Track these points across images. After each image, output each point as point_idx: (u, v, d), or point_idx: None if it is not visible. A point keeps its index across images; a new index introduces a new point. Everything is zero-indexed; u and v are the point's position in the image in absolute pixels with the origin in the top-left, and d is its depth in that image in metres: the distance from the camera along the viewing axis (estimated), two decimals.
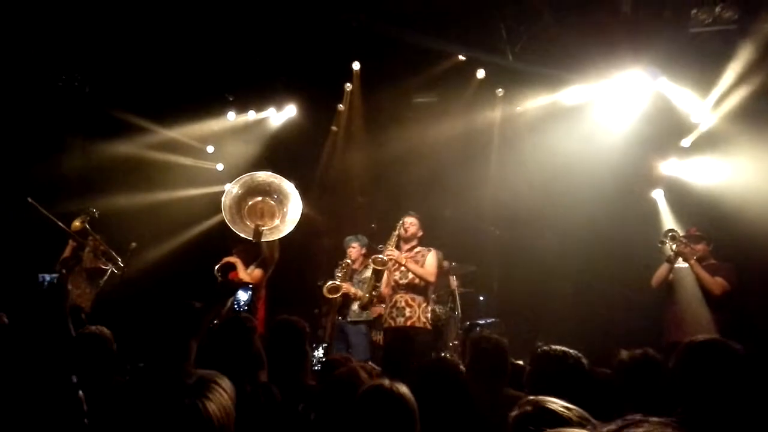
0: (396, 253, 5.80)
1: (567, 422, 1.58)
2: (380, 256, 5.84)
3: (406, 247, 5.91)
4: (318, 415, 2.60)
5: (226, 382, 1.85)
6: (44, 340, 2.94)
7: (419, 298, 5.79)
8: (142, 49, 6.88)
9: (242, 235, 5.39)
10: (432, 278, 5.86)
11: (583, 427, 1.50)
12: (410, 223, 5.92)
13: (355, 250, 6.67)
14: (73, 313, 3.47)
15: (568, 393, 2.36)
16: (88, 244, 6.15)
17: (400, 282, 5.82)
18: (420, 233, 5.96)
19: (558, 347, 2.67)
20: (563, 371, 2.58)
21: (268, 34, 6.78)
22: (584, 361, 2.66)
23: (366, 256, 6.74)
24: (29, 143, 7.03)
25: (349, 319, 6.51)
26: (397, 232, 5.89)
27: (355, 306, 6.52)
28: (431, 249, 5.95)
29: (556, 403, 1.67)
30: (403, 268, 5.79)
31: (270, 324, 4.56)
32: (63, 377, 2.30)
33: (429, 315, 5.89)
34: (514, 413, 1.71)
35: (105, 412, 2.31)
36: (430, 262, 5.84)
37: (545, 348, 2.68)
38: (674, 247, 5.61)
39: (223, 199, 5.45)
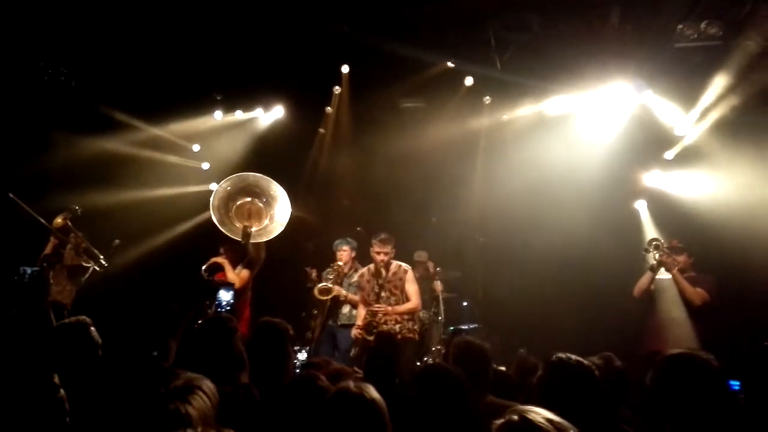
0: (383, 307, 5.92)
1: None
2: (373, 319, 5.90)
3: (385, 273, 6.01)
4: (286, 416, 2.60)
5: (208, 386, 1.86)
6: (25, 332, 2.92)
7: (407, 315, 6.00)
8: (130, 45, 6.83)
9: (230, 235, 5.39)
10: (419, 307, 6.14)
11: None
12: (384, 253, 5.99)
13: (345, 253, 6.66)
14: (56, 310, 3.45)
15: (578, 402, 2.41)
16: (69, 241, 6.08)
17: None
18: (393, 252, 6.06)
19: (573, 356, 2.68)
20: (575, 381, 2.59)
21: (258, 34, 6.76)
22: (596, 372, 2.67)
23: (355, 259, 6.75)
24: (13, 137, 6.95)
25: (339, 323, 6.51)
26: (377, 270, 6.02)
27: (345, 309, 6.53)
28: (407, 269, 6.09)
29: (539, 414, 1.69)
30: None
31: (253, 325, 4.55)
32: (44, 376, 2.28)
33: (417, 327, 6.08)
34: (499, 422, 1.72)
35: (87, 411, 2.30)
36: (410, 288, 6.02)
37: (560, 356, 2.69)
38: (657, 256, 5.70)
39: (211, 199, 5.44)
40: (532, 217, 7.54)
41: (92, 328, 2.83)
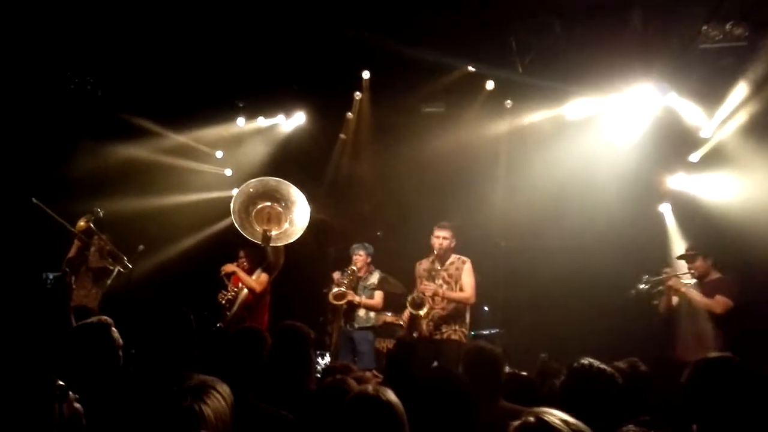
0: (432, 286, 5.74)
1: None
2: (416, 294, 5.74)
3: (441, 263, 5.87)
4: (309, 422, 2.60)
5: (224, 388, 1.87)
6: (46, 337, 2.95)
7: (456, 320, 5.83)
8: (154, 54, 6.94)
9: (251, 239, 5.43)
10: (472, 300, 5.90)
11: None
12: (443, 237, 5.87)
13: (361, 258, 6.68)
14: (81, 314, 3.48)
15: (600, 408, 2.41)
16: (93, 243, 6.17)
17: (437, 308, 5.86)
18: (453, 243, 5.92)
19: (595, 363, 2.67)
20: (597, 387, 2.58)
21: (279, 41, 6.83)
22: (619, 379, 2.66)
23: (370, 263, 6.76)
24: (40, 145, 7.10)
25: (356, 326, 6.52)
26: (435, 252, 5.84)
27: (361, 312, 6.53)
28: (466, 260, 5.93)
29: (556, 416, 1.69)
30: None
31: (273, 330, 4.58)
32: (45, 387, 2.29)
33: (465, 331, 5.89)
34: (516, 423, 1.73)
35: (105, 410, 2.31)
36: (467, 281, 5.83)
37: (582, 362, 2.68)
38: (660, 288, 5.65)
39: (231, 203, 5.49)
40: (555, 221, 7.47)
41: (113, 329, 2.85)
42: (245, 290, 5.97)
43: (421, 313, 5.72)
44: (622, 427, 2.27)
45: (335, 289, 6.43)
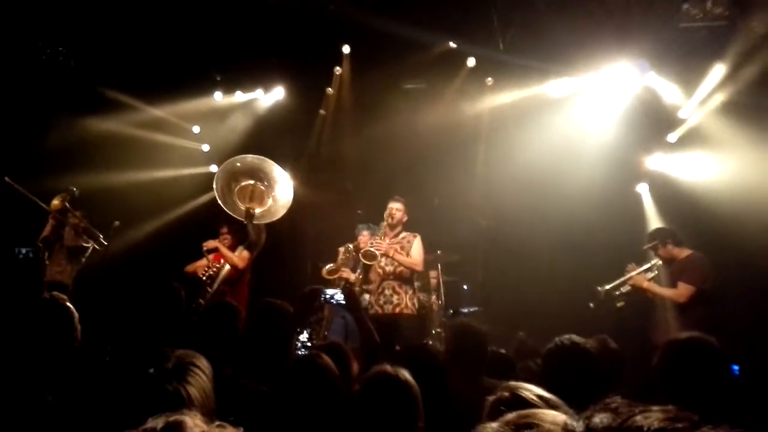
0: (384, 245, 5.78)
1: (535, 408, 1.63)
2: (370, 249, 5.81)
3: (392, 233, 5.91)
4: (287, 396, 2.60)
5: (203, 362, 1.84)
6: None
7: (406, 286, 5.84)
8: (129, 25, 6.77)
9: (233, 215, 5.41)
10: (419, 267, 5.91)
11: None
12: (396, 209, 5.92)
13: (365, 238, 6.58)
14: (55, 289, 3.43)
15: (576, 382, 2.44)
16: (68, 222, 6.08)
17: (387, 270, 5.84)
18: (405, 218, 5.97)
19: (569, 337, 2.70)
20: (573, 361, 2.62)
21: (258, 13, 6.69)
22: (595, 354, 2.70)
23: None
24: (12, 118, 6.92)
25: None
26: (385, 222, 5.88)
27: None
28: (416, 235, 5.96)
29: (530, 391, 1.75)
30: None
31: (253, 307, 4.55)
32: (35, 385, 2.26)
33: (416, 302, 5.93)
34: (491, 398, 1.77)
35: (76, 394, 2.28)
36: (416, 250, 5.87)
37: (557, 340, 2.71)
38: (622, 290, 5.68)
39: (215, 179, 5.46)
40: (534, 200, 7.51)
41: (68, 304, 2.78)
42: (227, 266, 5.95)
43: (373, 262, 5.79)
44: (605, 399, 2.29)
45: (328, 265, 6.40)
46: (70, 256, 6.09)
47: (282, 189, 5.53)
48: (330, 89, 8.02)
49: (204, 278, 5.92)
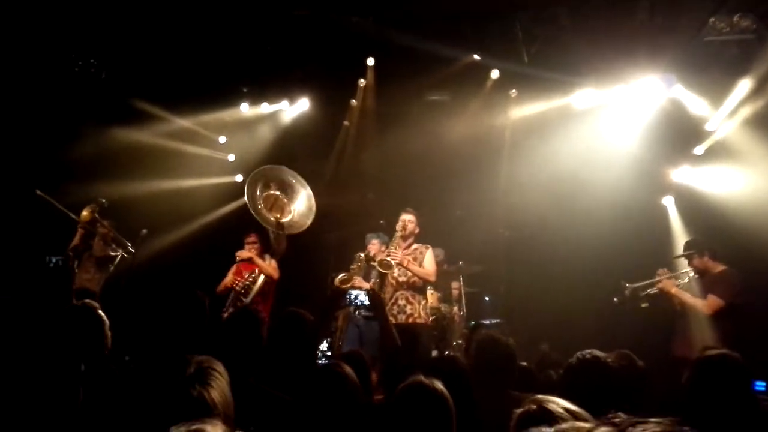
0: (399, 255, 5.80)
1: (562, 421, 1.63)
2: (386, 258, 5.84)
3: (404, 244, 5.92)
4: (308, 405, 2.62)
5: (220, 367, 1.88)
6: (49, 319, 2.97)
7: (419, 296, 5.86)
8: (159, 38, 6.92)
9: (263, 224, 5.51)
10: (432, 278, 5.92)
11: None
12: (408, 221, 5.94)
13: (374, 247, 6.63)
14: (83, 295, 3.51)
15: (597, 396, 2.43)
16: (97, 232, 6.21)
17: (400, 280, 5.85)
18: (417, 230, 5.98)
19: (591, 352, 2.69)
20: (594, 375, 2.61)
21: (284, 27, 6.79)
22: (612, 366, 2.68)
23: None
24: (44, 128, 7.09)
25: (363, 314, 6.52)
26: (398, 233, 5.91)
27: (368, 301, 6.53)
28: (428, 246, 5.98)
29: (557, 404, 1.73)
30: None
31: (276, 315, 4.60)
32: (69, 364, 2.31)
33: (428, 311, 5.96)
34: (518, 411, 1.77)
35: (105, 400, 2.33)
36: (428, 261, 5.89)
37: (579, 354, 2.70)
38: (650, 291, 5.63)
39: (246, 188, 5.58)
40: (558, 212, 7.47)
41: (100, 311, 2.85)
42: (261, 277, 6.02)
43: (389, 271, 5.79)
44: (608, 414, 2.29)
45: (341, 275, 6.43)
46: (99, 264, 6.22)
47: (302, 200, 5.63)
48: (354, 101, 8.09)
49: (237, 289, 6.00)
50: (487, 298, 7.85)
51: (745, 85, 6.19)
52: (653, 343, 5.60)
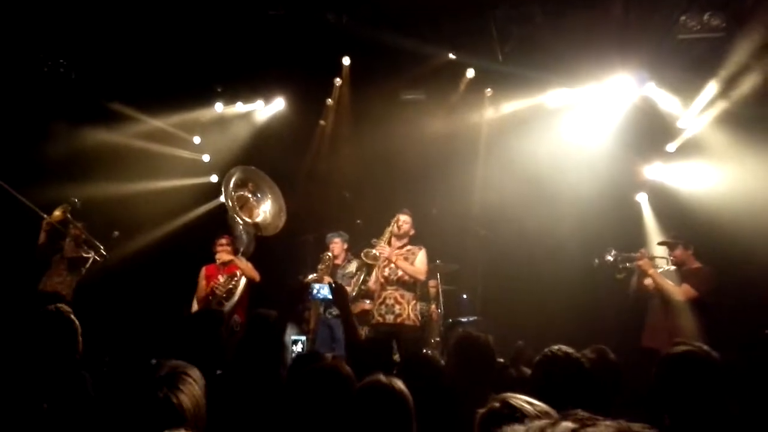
0: (387, 249, 5.77)
1: (527, 416, 1.64)
2: (372, 250, 5.81)
3: (398, 244, 5.90)
4: (288, 405, 2.59)
5: (195, 372, 1.85)
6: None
7: (408, 295, 5.77)
8: (131, 37, 6.81)
9: (240, 225, 5.46)
10: (422, 276, 5.87)
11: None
12: (404, 221, 5.92)
13: (337, 245, 6.68)
14: (53, 299, 3.44)
15: (570, 393, 2.43)
16: (69, 233, 6.09)
17: (390, 278, 5.79)
18: (412, 231, 5.97)
19: (563, 348, 2.68)
20: (565, 372, 2.60)
21: (258, 25, 6.73)
22: (587, 365, 2.68)
23: (348, 251, 6.75)
24: (13, 129, 6.94)
25: (334, 314, 6.50)
26: (390, 229, 5.87)
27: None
28: (422, 247, 5.95)
29: (520, 399, 1.75)
30: (392, 265, 5.78)
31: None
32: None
33: (418, 313, 5.89)
34: (482, 411, 1.77)
35: (75, 402, 2.28)
36: (420, 260, 5.85)
37: (550, 350, 2.69)
38: (627, 265, 5.71)
39: (223, 188, 5.53)
40: (533, 210, 7.51)
41: (72, 316, 2.79)
42: (243, 279, 5.95)
43: (374, 263, 5.83)
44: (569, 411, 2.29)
45: (311, 276, 6.41)
46: (70, 267, 6.09)
47: (272, 202, 5.60)
48: (330, 100, 8.06)
49: (217, 292, 5.90)
50: (464, 296, 7.87)
51: (715, 82, 6.28)
52: (631, 338, 5.67)
